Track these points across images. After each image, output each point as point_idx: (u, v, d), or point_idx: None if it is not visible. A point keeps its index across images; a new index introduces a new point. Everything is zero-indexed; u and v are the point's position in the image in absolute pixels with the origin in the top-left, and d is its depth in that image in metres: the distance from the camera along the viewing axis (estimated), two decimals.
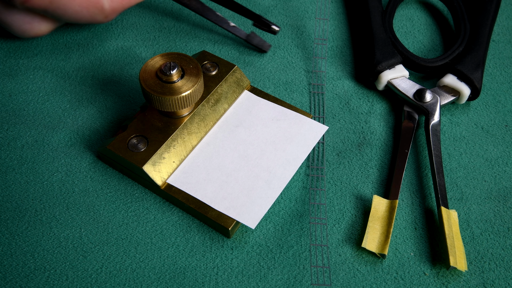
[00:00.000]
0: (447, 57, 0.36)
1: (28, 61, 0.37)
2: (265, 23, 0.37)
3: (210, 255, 0.29)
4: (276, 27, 0.37)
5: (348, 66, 0.38)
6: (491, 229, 0.31)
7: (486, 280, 0.29)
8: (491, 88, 0.37)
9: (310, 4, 0.42)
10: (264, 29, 0.37)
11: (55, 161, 0.32)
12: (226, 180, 0.30)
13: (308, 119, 0.33)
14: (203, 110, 0.32)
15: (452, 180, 0.32)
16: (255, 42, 0.38)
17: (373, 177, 0.32)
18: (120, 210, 0.30)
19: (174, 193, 0.30)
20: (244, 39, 0.38)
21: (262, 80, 0.37)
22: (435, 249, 0.30)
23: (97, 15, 0.33)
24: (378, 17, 0.38)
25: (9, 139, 0.33)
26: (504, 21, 0.41)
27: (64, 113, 0.34)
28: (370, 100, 0.36)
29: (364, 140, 0.34)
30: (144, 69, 0.30)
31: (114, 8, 0.34)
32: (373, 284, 0.28)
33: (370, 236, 0.29)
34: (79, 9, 0.32)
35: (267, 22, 0.37)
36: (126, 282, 0.28)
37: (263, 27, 0.37)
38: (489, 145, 0.34)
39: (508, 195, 0.32)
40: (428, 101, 0.34)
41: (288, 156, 0.31)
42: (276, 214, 0.31)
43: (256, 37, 0.38)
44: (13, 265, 0.28)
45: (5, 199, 0.31)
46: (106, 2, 0.33)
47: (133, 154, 0.30)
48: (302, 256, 0.29)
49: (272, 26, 0.37)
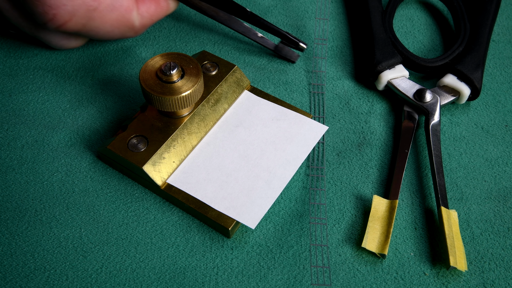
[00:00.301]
0: (447, 57, 0.36)
1: (28, 61, 0.37)
2: (292, 41, 0.37)
3: (210, 255, 0.29)
4: (303, 45, 0.37)
5: (348, 66, 0.38)
6: (491, 229, 0.31)
7: (486, 280, 0.29)
8: (491, 88, 0.37)
9: (310, 4, 0.42)
10: (292, 47, 0.37)
11: (55, 161, 0.32)
12: (226, 180, 0.30)
13: (308, 119, 0.33)
14: (203, 110, 0.32)
15: (452, 180, 0.32)
16: (283, 53, 0.38)
17: (373, 177, 0.32)
18: (120, 210, 0.30)
19: (174, 193, 0.30)
20: (272, 50, 0.38)
21: (262, 80, 0.37)
22: (435, 249, 0.30)
23: (127, 33, 0.34)
24: (378, 17, 0.38)
25: (9, 139, 0.33)
26: (504, 21, 0.41)
27: (64, 113, 0.34)
28: (370, 100, 0.36)
29: (364, 140, 0.34)
30: (144, 69, 0.30)
31: (144, 24, 0.34)
32: (373, 284, 0.28)
33: (370, 236, 0.29)
34: (111, 29, 0.33)
35: (295, 40, 0.37)
36: (126, 282, 0.28)
37: (291, 44, 0.37)
38: (489, 145, 0.34)
39: (508, 195, 0.32)
40: (428, 101, 0.34)
41: (288, 156, 0.31)
42: (276, 214, 0.31)
43: (284, 47, 0.38)
44: (13, 265, 0.28)
45: (5, 199, 0.31)
46: (137, 20, 0.34)
47: (133, 154, 0.30)
48: (302, 256, 0.29)
49: (300, 43, 0.37)
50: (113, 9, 0.32)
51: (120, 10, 0.32)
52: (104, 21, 0.32)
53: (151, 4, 0.34)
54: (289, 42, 0.37)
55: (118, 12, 0.32)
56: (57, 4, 0.30)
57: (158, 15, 0.35)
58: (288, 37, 0.37)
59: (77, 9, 0.31)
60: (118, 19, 0.33)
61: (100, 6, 0.31)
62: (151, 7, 0.34)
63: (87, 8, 0.31)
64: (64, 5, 0.30)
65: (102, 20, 0.32)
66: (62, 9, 0.31)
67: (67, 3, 0.30)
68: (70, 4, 0.30)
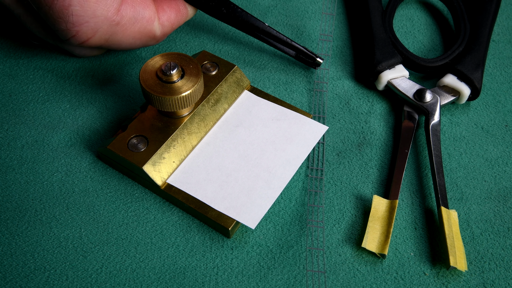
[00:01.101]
0: (447, 57, 0.36)
1: (28, 61, 0.37)
2: (309, 56, 0.36)
3: (210, 255, 0.29)
4: (320, 60, 0.36)
5: (348, 66, 0.38)
6: (491, 229, 0.31)
7: (486, 280, 0.29)
8: (491, 88, 0.37)
9: (310, 4, 0.42)
10: (309, 62, 0.36)
11: (55, 161, 0.32)
12: (226, 180, 0.30)
13: (308, 119, 0.33)
14: (203, 110, 0.32)
15: (452, 180, 0.32)
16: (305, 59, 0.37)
17: (373, 177, 0.32)
18: (120, 210, 0.30)
19: (174, 193, 0.30)
20: (293, 56, 0.37)
21: (262, 80, 0.37)
22: (435, 249, 0.30)
23: (149, 42, 0.34)
24: (378, 17, 0.38)
25: (9, 139, 0.33)
26: (504, 21, 0.41)
27: (64, 113, 0.34)
28: (370, 100, 0.36)
29: (364, 140, 0.34)
30: (144, 69, 0.30)
31: (165, 32, 0.34)
32: (373, 284, 0.28)
33: (370, 236, 0.29)
34: (133, 41, 0.33)
35: (312, 55, 0.36)
36: (126, 282, 0.28)
37: (307, 59, 0.36)
38: (489, 145, 0.34)
39: (508, 195, 0.32)
40: (428, 101, 0.34)
41: (288, 156, 0.31)
42: (276, 214, 0.31)
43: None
44: (13, 265, 0.28)
45: (5, 199, 0.31)
46: (158, 29, 0.33)
47: (133, 154, 0.30)
48: (302, 256, 0.29)
49: (317, 58, 0.36)
50: (135, 21, 0.32)
51: (142, 22, 0.32)
52: (126, 34, 0.32)
53: (171, 12, 0.34)
54: (306, 57, 0.36)
55: (140, 24, 0.32)
56: (80, 21, 0.30)
57: (178, 22, 0.35)
58: (305, 52, 0.36)
59: (100, 25, 0.31)
60: (140, 31, 0.33)
61: (122, 20, 0.31)
62: (171, 15, 0.34)
63: (109, 23, 0.31)
64: (87, 22, 0.30)
65: (124, 33, 0.32)
66: (85, 26, 0.30)
67: (90, 20, 0.30)
68: (92, 21, 0.30)
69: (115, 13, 0.31)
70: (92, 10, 0.30)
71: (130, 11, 0.31)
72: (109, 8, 0.30)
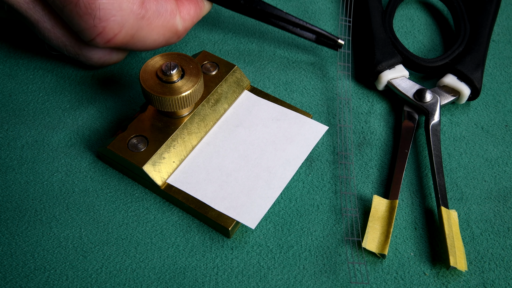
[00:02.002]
0: (447, 57, 0.36)
1: (28, 61, 0.37)
2: (331, 38, 0.36)
3: (210, 255, 0.29)
4: (341, 41, 0.36)
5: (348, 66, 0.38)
6: (491, 229, 0.31)
7: (486, 280, 0.29)
8: (491, 88, 0.37)
9: (310, 4, 0.42)
10: (330, 44, 0.37)
11: (55, 161, 0.32)
12: (226, 180, 0.30)
13: (308, 119, 0.33)
14: (203, 110, 0.32)
15: (452, 180, 0.32)
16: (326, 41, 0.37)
17: (373, 177, 0.32)
18: (120, 210, 0.30)
19: (174, 193, 0.30)
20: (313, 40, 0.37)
21: (262, 80, 0.37)
22: (435, 249, 0.30)
23: (171, 38, 0.34)
24: (378, 17, 0.38)
25: (9, 139, 0.33)
26: (504, 21, 0.41)
27: (64, 113, 0.34)
28: (370, 100, 0.36)
29: (364, 140, 0.34)
30: (144, 69, 0.30)
31: (187, 27, 0.34)
32: (373, 284, 0.28)
33: (370, 236, 0.29)
34: (157, 37, 0.33)
35: (333, 37, 0.36)
36: (126, 282, 0.28)
37: (329, 42, 0.36)
38: (489, 145, 0.34)
39: (508, 195, 0.32)
40: (428, 101, 0.34)
41: (288, 156, 0.31)
42: (276, 214, 0.31)
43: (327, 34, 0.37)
44: (13, 265, 0.28)
45: (5, 199, 0.31)
46: (180, 24, 0.33)
47: (133, 154, 0.30)
48: (302, 256, 0.29)
49: (338, 40, 0.36)
50: (159, 15, 0.31)
51: (165, 15, 0.32)
52: (151, 28, 0.32)
53: (190, 6, 0.34)
54: (327, 39, 0.36)
55: (164, 18, 0.32)
56: (107, 15, 0.29)
57: (197, 16, 0.34)
58: (326, 35, 0.36)
59: (126, 18, 0.30)
60: (163, 25, 0.32)
61: (147, 14, 0.31)
62: (191, 9, 0.34)
63: (135, 16, 0.30)
64: (114, 16, 0.30)
65: (149, 28, 0.32)
66: (111, 21, 0.30)
67: (116, 13, 0.29)
68: (119, 14, 0.30)
69: (140, 6, 0.30)
70: (118, 3, 0.29)
71: (154, 4, 0.31)
72: (134, 1, 0.30)
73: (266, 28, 0.40)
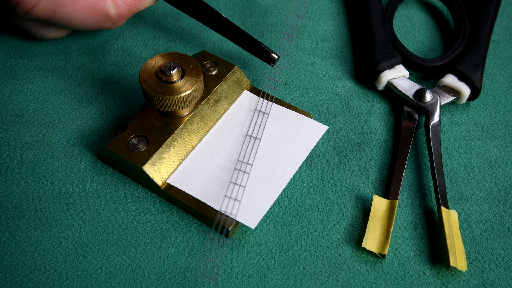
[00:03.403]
0: (447, 57, 0.36)
1: (28, 61, 0.37)
2: (265, 51, 0.34)
3: (210, 255, 0.29)
4: (275, 55, 0.34)
5: (348, 66, 0.38)
6: (491, 229, 0.31)
7: (486, 280, 0.29)
8: (491, 88, 0.37)
9: (310, 4, 0.42)
10: (264, 57, 0.35)
11: (55, 161, 0.32)
12: (226, 180, 0.30)
13: (308, 119, 0.33)
14: (203, 110, 0.32)
15: (452, 180, 0.32)
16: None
17: (373, 177, 0.32)
18: (120, 210, 0.30)
19: (174, 193, 0.30)
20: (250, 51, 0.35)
21: (262, 80, 0.37)
22: (435, 249, 0.30)
23: (104, 23, 0.33)
24: (378, 17, 0.38)
25: (9, 139, 0.33)
26: (504, 21, 0.41)
27: (64, 113, 0.34)
28: (370, 100, 0.36)
29: (364, 140, 0.34)
30: (144, 69, 0.30)
31: (121, 14, 0.33)
32: (373, 284, 0.28)
33: (370, 236, 0.29)
34: (84, 18, 0.32)
35: (267, 50, 0.34)
36: (126, 282, 0.28)
37: (263, 54, 0.35)
38: (489, 145, 0.34)
39: (508, 195, 0.32)
40: (428, 101, 0.34)
41: (288, 156, 0.31)
42: (276, 214, 0.31)
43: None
44: (13, 265, 0.28)
45: (5, 199, 0.31)
46: (112, 9, 0.33)
47: (133, 154, 0.30)
48: (302, 256, 0.29)
49: (272, 54, 0.34)
50: None
51: None
52: (75, 7, 0.31)
53: None
54: (260, 51, 0.35)
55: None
56: None
57: (136, 6, 0.34)
58: (260, 47, 0.35)
59: None
60: (90, 6, 0.32)
61: None
62: None
63: None
64: None
65: (72, 6, 0.31)
66: None
67: None
68: None
69: None
70: None
71: None
72: None
73: (266, 28, 0.40)
